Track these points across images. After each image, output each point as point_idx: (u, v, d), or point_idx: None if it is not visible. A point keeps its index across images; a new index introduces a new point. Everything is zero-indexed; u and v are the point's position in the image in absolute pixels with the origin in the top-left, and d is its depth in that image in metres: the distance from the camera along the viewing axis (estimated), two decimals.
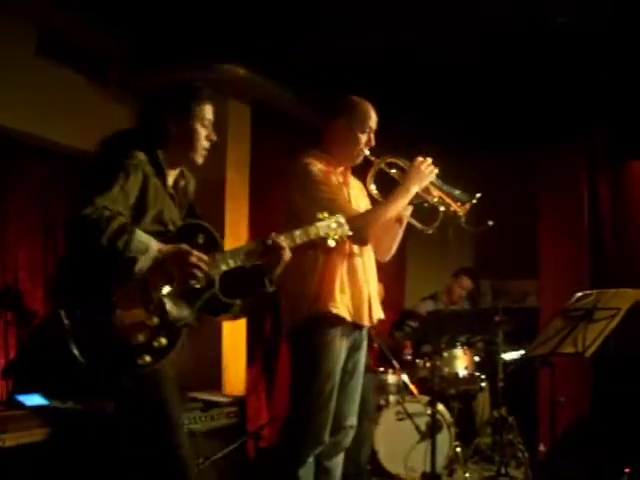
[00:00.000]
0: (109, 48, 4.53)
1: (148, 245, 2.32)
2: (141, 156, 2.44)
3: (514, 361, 5.29)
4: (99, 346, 2.30)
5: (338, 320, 3.07)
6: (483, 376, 5.48)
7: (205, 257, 2.44)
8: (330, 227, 2.78)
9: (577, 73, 4.94)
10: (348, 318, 3.10)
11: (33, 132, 4.21)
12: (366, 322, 3.19)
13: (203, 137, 2.61)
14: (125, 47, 4.61)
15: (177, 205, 2.64)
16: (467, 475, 4.98)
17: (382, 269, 3.41)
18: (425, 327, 5.58)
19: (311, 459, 3.13)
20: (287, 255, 2.64)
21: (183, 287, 2.43)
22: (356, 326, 3.18)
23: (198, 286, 2.46)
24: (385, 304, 5.62)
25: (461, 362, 5.47)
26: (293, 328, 3.16)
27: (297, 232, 2.69)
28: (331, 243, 2.82)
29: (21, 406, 3.45)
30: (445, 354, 5.42)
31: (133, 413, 2.47)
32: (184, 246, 2.42)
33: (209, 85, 4.96)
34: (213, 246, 2.55)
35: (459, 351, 5.49)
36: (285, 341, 3.31)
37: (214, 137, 2.65)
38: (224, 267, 2.53)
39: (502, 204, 6.69)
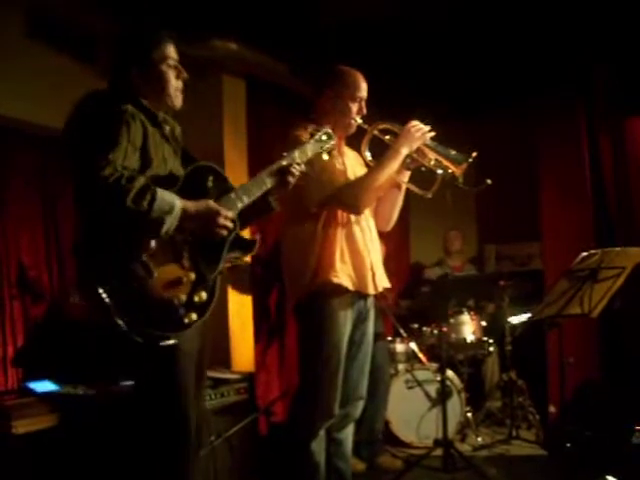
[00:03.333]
0: (97, 27, 4.47)
1: (172, 204, 2.27)
2: (130, 107, 2.38)
3: (521, 324, 5.30)
4: (145, 315, 2.26)
5: (340, 289, 3.07)
6: (491, 340, 5.50)
7: (231, 214, 2.44)
8: (321, 140, 2.83)
9: (573, 15, 4.82)
10: (351, 287, 3.09)
11: (22, 117, 4.16)
12: (371, 290, 3.18)
13: (173, 78, 2.56)
14: (114, 26, 4.55)
15: (173, 149, 2.61)
16: (479, 439, 5.01)
17: (386, 238, 3.40)
18: (432, 294, 5.60)
19: (323, 432, 3.14)
20: (293, 177, 2.67)
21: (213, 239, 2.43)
22: (361, 295, 3.17)
23: (225, 234, 2.45)
24: (390, 272, 5.65)
25: (468, 327, 5.49)
26: (298, 302, 3.16)
27: (295, 152, 2.72)
28: (325, 157, 2.84)
29: (32, 393, 3.46)
30: (452, 320, 5.44)
31: (149, 385, 2.47)
32: (211, 204, 2.40)
33: (202, 61, 4.96)
34: (222, 184, 2.54)
35: (466, 317, 5.50)
36: (292, 316, 3.31)
37: (185, 74, 2.59)
38: (240, 205, 2.53)
39: (502, 168, 6.69)
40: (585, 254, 3.75)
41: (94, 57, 4.53)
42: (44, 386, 3.51)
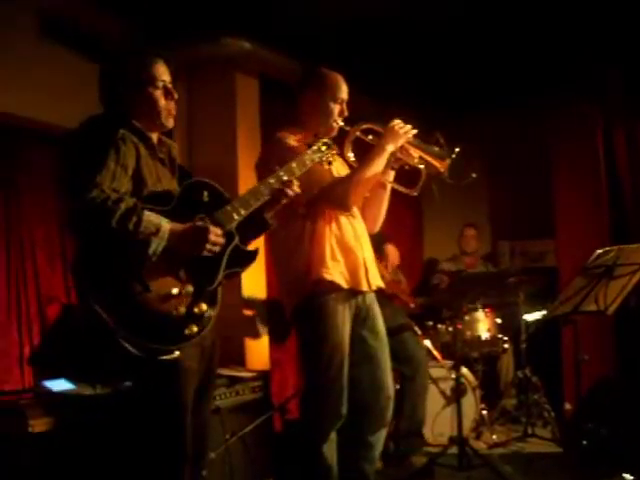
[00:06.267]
0: (109, 27, 4.48)
1: (159, 225, 2.30)
2: (122, 130, 2.40)
3: (536, 321, 5.28)
4: (144, 329, 2.28)
5: (334, 287, 3.06)
6: (506, 338, 5.48)
7: (219, 231, 2.43)
8: (320, 150, 2.83)
9: (591, 15, 4.79)
10: (344, 285, 3.09)
11: (35, 117, 4.17)
12: (365, 287, 3.17)
13: (161, 99, 2.56)
14: (128, 25, 4.57)
15: (169, 170, 2.62)
16: (494, 437, 5.00)
17: (401, 236, 3.39)
18: (447, 290, 5.59)
19: (334, 435, 3.13)
20: (292, 190, 2.67)
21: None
22: (356, 293, 3.16)
23: (217, 250, 2.45)
24: (403, 271, 5.65)
25: (483, 325, 5.48)
26: (294, 309, 3.15)
27: (293, 164, 2.73)
28: (326, 166, 2.84)
29: (48, 392, 3.48)
30: (467, 317, 5.42)
31: (149, 398, 2.48)
32: (198, 224, 2.40)
33: (215, 60, 4.97)
34: (219, 199, 2.54)
35: (480, 314, 5.49)
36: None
37: (175, 95, 2.59)
38: (237, 217, 2.54)
39: (517, 164, 6.69)
40: (600, 251, 3.74)
41: (106, 57, 4.54)
42: (60, 385, 3.52)
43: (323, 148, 2.84)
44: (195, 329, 2.38)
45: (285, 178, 2.67)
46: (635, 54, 5.20)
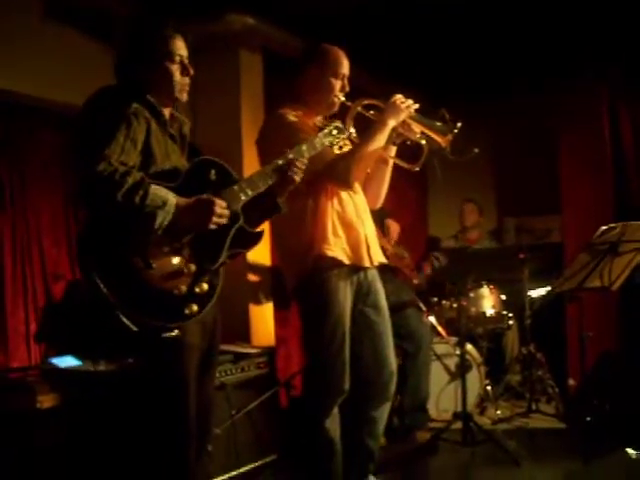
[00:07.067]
0: (114, 6, 4.45)
1: (165, 199, 2.30)
2: (135, 104, 2.39)
3: (541, 297, 5.28)
4: (144, 306, 2.29)
5: (335, 263, 3.07)
6: (510, 314, 5.49)
7: (224, 203, 2.42)
8: (332, 134, 2.81)
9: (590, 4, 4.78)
10: (346, 261, 3.10)
11: (41, 95, 4.17)
12: (367, 264, 3.18)
13: (177, 74, 2.54)
14: (132, 4, 4.54)
15: (179, 147, 2.62)
16: (498, 412, 5.02)
17: (405, 213, 3.38)
18: (451, 267, 5.59)
19: (336, 410, 3.15)
20: (299, 172, 2.66)
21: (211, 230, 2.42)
22: (358, 269, 3.17)
23: (224, 222, 2.45)
24: (407, 247, 5.65)
25: (488, 301, 5.49)
26: (296, 285, 3.16)
27: (303, 146, 2.71)
28: (336, 150, 2.83)
29: (55, 368, 3.51)
30: (471, 294, 5.43)
31: (152, 374, 2.49)
32: (204, 197, 2.39)
33: (218, 37, 4.94)
34: (226, 179, 2.53)
35: (485, 290, 5.49)
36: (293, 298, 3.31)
37: (191, 71, 2.58)
38: (244, 197, 2.52)
39: (523, 141, 6.66)
40: (605, 227, 3.73)
41: (111, 36, 4.52)
42: (67, 361, 3.55)
43: (335, 132, 2.82)
44: (195, 308, 2.38)
45: (292, 157, 2.66)
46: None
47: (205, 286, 2.42)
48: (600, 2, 4.76)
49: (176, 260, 2.38)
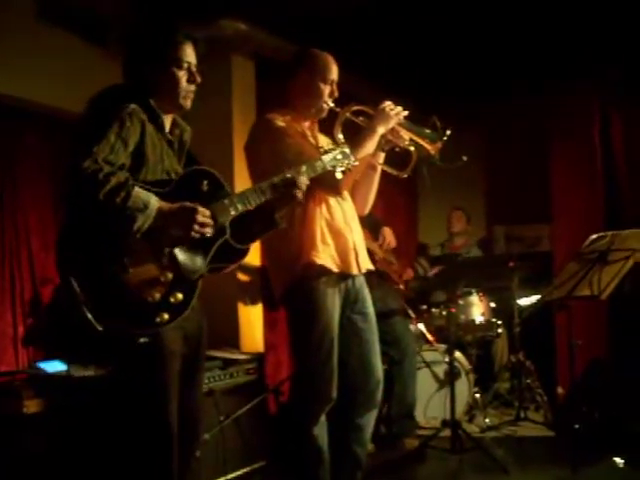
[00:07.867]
0: (108, 9, 4.45)
1: (148, 202, 2.27)
2: (133, 105, 2.38)
3: (530, 306, 5.29)
4: (115, 309, 2.27)
5: (324, 271, 3.06)
6: (500, 322, 5.50)
7: (208, 212, 2.39)
8: (336, 158, 2.77)
9: (589, 7, 4.78)
10: (334, 269, 3.09)
11: (32, 98, 4.16)
12: (355, 271, 3.17)
13: (184, 80, 2.53)
14: (125, 8, 4.54)
15: (176, 153, 2.60)
16: (487, 420, 5.02)
17: (395, 220, 3.38)
18: (440, 275, 5.60)
19: (324, 418, 3.14)
20: (300, 191, 2.64)
21: (193, 240, 2.39)
22: (346, 276, 3.16)
23: (209, 235, 2.41)
24: (397, 254, 5.65)
25: (477, 309, 5.50)
26: (285, 292, 3.15)
27: (303, 167, 2.68)
28: (339, 175, 2.81)
29: (41, 373, 3.48)
30: (461, 301, 5.44)
31: (132, 380, 2.47)
32: (187, 204, 2.36)
33: (211, 42, 4.93)
34: (219, 191, 2.50)
35: (475, 298, 5.50)
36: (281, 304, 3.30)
37: (198, 79, 2.56)
38: (233, 212, 2.49)
39: (513, 149, 6.68)
40: (595, 236, 3.75)
41: (105, 39, 4.52)
42: (54, 366, 3.53)
43: (339, 157, 2.77)
44: (166, 317, 2.35)
45: (289, 176, 2.63)
46: (632, 48, 5.20)
47: (180, 296, 2.38)
48: (600, 2, 4.78)
49: (154, 267, 2.35)
